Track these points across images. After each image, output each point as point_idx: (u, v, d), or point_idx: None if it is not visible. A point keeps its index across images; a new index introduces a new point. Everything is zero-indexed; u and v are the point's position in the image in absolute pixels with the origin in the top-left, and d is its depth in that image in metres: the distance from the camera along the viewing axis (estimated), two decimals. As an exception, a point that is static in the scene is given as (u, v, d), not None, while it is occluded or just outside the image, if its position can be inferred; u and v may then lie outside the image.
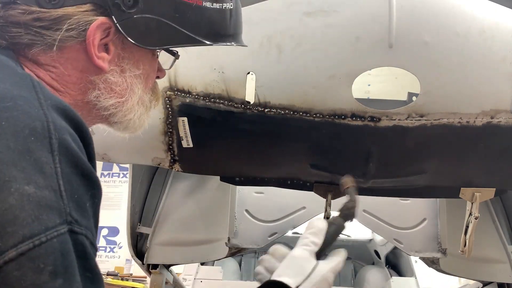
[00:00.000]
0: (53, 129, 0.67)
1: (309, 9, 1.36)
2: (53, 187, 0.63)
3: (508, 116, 1.39)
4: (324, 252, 1.04)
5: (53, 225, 0.61)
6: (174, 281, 2.91)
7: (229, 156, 1.64)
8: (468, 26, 1.31)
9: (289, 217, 2.72)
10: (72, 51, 0.87)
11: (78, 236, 0.64)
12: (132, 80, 0.94)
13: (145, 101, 0.98)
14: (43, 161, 0.64)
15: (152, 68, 1.01)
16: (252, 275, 4.42)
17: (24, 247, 0.58)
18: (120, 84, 0.92)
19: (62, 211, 0.63)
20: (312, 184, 1.73)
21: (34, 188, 0.61)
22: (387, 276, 4.04)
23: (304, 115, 1.43)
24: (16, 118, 0.65)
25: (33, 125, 0.65)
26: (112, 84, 0.91)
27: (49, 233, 0.60)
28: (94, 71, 0.89)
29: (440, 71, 1.34)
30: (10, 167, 0.61)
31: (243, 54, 1.42)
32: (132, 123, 0.97)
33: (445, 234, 2.52)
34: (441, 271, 2.59)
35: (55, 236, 0.61)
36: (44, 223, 0.60)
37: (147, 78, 0.99)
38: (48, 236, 0.60)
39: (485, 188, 1.68)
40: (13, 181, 0.60)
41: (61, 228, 0.62)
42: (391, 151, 1.51)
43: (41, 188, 0.62)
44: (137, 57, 0.95)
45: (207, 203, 2.60)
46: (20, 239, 0.58)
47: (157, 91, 1.06)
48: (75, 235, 0.64)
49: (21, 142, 0.63)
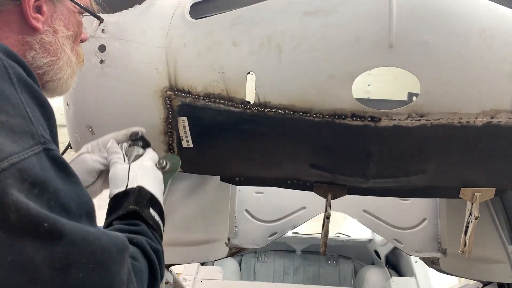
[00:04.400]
0: (8, 66, 0.74)
1: (309, 9, 1.36)
2: (22, 114, 0.71)
3: (508, 116, 1.39)
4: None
5: (29, 146, 0.69)
6: (174, 281, 2.91)
7: (229, 156, 1.64)
8: (468, 26, 1.31)
9: (289, 217, 2.72)
10: (8, 14, 0.92)
11: (53, 152, 0.73)
12: (63, 40, 1.02)
13: (72, 62, 1.06)
14: (8, 93, 0.71)
15: (79, 31, 1.10)
16: (252, 275, 4.43)
17: (15, 159, 0.66)
18: (53, 44, 0.99)
19: (34, 133, 0.71)
20: (312, 184, 1.73)
21: (6, 117, 0.68)
22: (387, 276, 4.04)
23: (304, 115, 1.43)
24: None
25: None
26: (46, 44, 0.98)
27: (25, 151, 0.68)
28: (29, 32, 0.95)
29: (440, 71, 1.34)
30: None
31: (243, 54, 1.42)
32: (61, 84, 1.04)
33: (445, 234, 2.53)
34: (441, 271, 2.59)
35: (31, 155, 0.69)
36: (21, 144, 0.68)
37: (75, 40, 1.09)
38: (26, 154, 0.68)
39: (485, 188, 1.68)
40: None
41: (36, 148, 0.70)
42: (391, 151, 1.51)
43: (12, 116, 0.69)
44: (68, 18, 1.04)
45: (207, 203, 2.60)
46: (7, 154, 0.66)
47: (81, 55, 1.14)
48: (50, 152, 0.72)
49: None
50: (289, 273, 4.47)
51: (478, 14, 1.33)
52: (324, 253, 1.86)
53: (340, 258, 4.57)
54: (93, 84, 1.52)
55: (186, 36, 1.48)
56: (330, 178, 1.67)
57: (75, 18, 1.08)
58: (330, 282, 4.36)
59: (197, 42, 1.46)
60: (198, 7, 1.54)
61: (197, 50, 1.46)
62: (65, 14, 1.04)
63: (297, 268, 4.50)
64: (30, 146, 0.69)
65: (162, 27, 1.53)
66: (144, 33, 1.53)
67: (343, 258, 4.58)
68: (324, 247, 1.86)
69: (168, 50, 1.49)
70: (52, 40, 0.99)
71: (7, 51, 0.78)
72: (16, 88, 0.73)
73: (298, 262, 4.53)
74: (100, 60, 1.52)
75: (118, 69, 1.52)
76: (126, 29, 1.52)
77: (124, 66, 1.52)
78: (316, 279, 4.42)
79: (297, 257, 4.56)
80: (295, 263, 4.52)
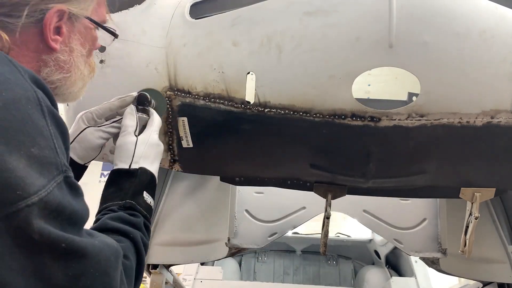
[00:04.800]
0: (40, 97, 0.80)
1: (309, 9, 1.36)
2: (50, 146, 0.78)
3: (508, 116, 1.39)
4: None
5: (53, 177, 0.77)
6: (174, 281, 2.91)
7: (229, 156, 1.64)
8: (468, 26, 1.31)
9: (289, 217, 2.72)
10: (29, 35, 0.94)
11: (70, 179, 0.82)
12: (78, 58, 1.06)
13: (84, 75, 1.10)
14: (41, 126, 0.77)
15: (94, 46, 1.14)
16: (252, 275, 4.43)
17: (43, 194, 0.74)
18: (67, 62, 1.03)
19: (58, 164, 0.79)
20: (312, 184, 1.73)
21: (38, 150, 0.75)
22: (387, 276, 4.04)
23: (304, 115, 1.43)
24: (12, 90, 0.76)
25: (27, 95, 0.77)
26: (61, 62, 1.02)
27: (51, 184, 0.76)
28: (46, 51, 0.99)
29: (440, 71, 1.33)
30: (18, 133, 0.73)
31: (243, 54, 1.42)
32: (72, 95, 1.09)
33: (445, 234, 2.52)
34: (441, 271, 2.59)
35: (55, 186, 0.77)
36: (47, 176, 0.76)
37: (89, 54, 1.12)
38: (51, 187, 0.76)
39: (485, 188, 1.68)
40: (22, 145, 0.73)
41: (58, 178, 0.78)
42: (391, 151, 1.51)
43: (43, 149, 0.76)
44: (84, 36, 1.07)
45: (207, 203, 2.60)
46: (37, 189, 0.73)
47: (93, 66, 1.17)
48: (68, 179, 0.81)
49: (22, 111, 0.75)
50: (289, 273, 4.47)
51: (478, 14, 1.33)
52: (324, 253, 1.86)
53: (340, 258, 4.57)
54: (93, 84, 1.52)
55: (186, 36, 1.48)
56: (330, 178, 1.67)
57: (91, 34, 1.11)
58: (330, 282, 4.36)
59: (197, 42, 1.46)
60: (198, 7, 1.54)
61: (197, 50, 1.46)
62: (82, 32, 1.06)
63: (297, 268, 4.50)
64: (54, 176, 0.77)
65: (162, 27, 1.53)
66: (144, 33, 1.53)
67: (343, 258, 4.58)
68: (324, 247, 1.86)
69: (168, 50, 1.49)
70: (67, 58, 1.02)
71: (35, 79, 0.82)
72: (47, 120, 0.79)
73: (298, 262, 4.53)
74: (100, 60, 1.52)
75: (118, 69, 1.52)
76: (126, 29, 1.52)
77: (124, 66, 1.52)
78: (316, 279, 4.42)
79: (297, 257, 4.56)
80: (295, 263, 4.52)
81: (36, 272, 0.75)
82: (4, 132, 0.72)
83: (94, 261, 0.82)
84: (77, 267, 0.79)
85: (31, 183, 0.73)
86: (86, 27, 1.08)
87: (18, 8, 0.91)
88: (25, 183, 0.72)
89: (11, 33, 0.91)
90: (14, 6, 0.91)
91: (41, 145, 0.76)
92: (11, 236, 0.71)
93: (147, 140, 1.25)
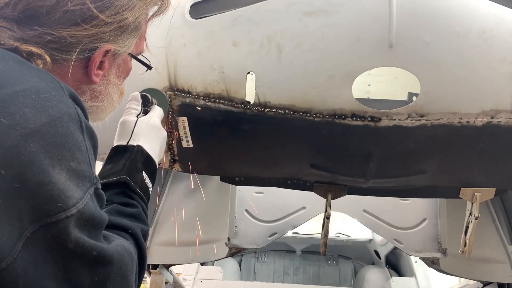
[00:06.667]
0: (79, 114, 0.85)
1: (309, 9, 1.36)
2: (86, 160, 0.83)
3: (508, 116, 1.39)
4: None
5: (86, 189, 0.82)
6: (174, 281, 2.91)
7: (229, 156, 1.64)
8: (468, 26, 1.31)
9: (289, 217, 2.72)
10: (73, 67, 0.98)
11: (99, 190, 0.88)
12: (113, 89, 1.11)
13: (114, 101, 1.15)
14: (79, 141, 0.82)
15: (127, 75, 1.19)
16: (252, 275, 4.43)
17: (80, 206, 0.79)
18: (103, 93, 1.09)
19: (91, 177, 0.84)
20: (312, 184, 1.73)
21: (76, 164, 0.80)
22: (387, 276, 4.05)
23: (304, 115, 1.43)
24: (56, 106, 0.80)
25: (69, 112, 0.82)
26: (97, 92, 1.07)
27: (85, 196, 0.81)
28: (86, 82, 1.04)
29: (440, 71, 1.34)
30: (60, 148, 0.78)
31: (243, 54, 1.42)
32: (100, 119, 1.15)
33: (445, 234, 2.52)
34: (441, 271, 2.59)
35: (88, 198, 0.82)
36: (83, 189, 0.81)
37: (121, 83, 1.17)
38: (86, 199, 0.81)
39: (485, 188, 1.68)
40: (63, 159, 0.78)
41: (91, 190, 0.83)
42: (391, 151, 1.51)
43: (80, 163, 0.81)
44: (121, 70, 1.13)
45: (207, 203, 2.60)
46: (76, 201, 0.78)
47: (123, 91, 1.22)
48: (97, 190, 0.87)
49: (65, 127, 0.80)
50: (289, 273, 4.47)
51: (478, 14, 1.33)
52: (324, 253, 1.86)
53: (340, 258, 4.57)
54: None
55: (186, 36, 1.48)
56: (330, 178, 1.67)
57: (127, 65, 1.16)
58: (330, 282, 4.36)
59: (197, 42, 1.46)
60: (198, 7, 1.54)
61: (197, 50, 1.46)
62: (120, 66, 1.12)
63: (297, 268, 4.50)
64: (88, 188, 0.83)
65: (162, 27, 1.53)
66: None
67: (343, 258, 4.58)
68: (324, 247, 1.86)
69: (168, 50, 1.49)
70: (103, 90, 1.08)
71: (73, 96, 0.87)
72: (84, 136, 0.84)
73: (298, 262, 4.53)
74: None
75: (118, 69, 1.52)
76: (126, 29, 1.51)
77: (124, 66, 1.51)
78: (316, 279, 4.42)
79: (297, 257, 4.56)
80: (295, 263, 4.52)
81: (65, 278, 0.80)
82: (50, 147, 0.77)
83: (118, 267, 0.89)
84: (103, 273, 0.85)
85: (71, 196, 0.78)
86: (124, 60, 1.13)
87: (70, 46, 0.95)
88: (66, 196, 0.77)
89: (56, 62, 0.95)
90: (67, 45, 0.94)
91: (79, 159, 0.81)
92: (46, 244, 0.76)
93: (147, 121, 1.29)
